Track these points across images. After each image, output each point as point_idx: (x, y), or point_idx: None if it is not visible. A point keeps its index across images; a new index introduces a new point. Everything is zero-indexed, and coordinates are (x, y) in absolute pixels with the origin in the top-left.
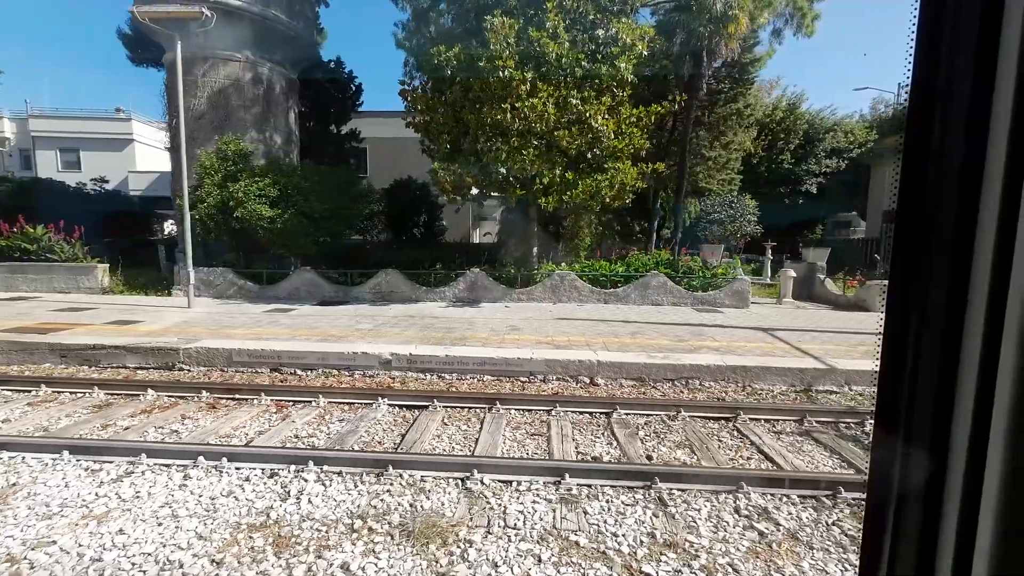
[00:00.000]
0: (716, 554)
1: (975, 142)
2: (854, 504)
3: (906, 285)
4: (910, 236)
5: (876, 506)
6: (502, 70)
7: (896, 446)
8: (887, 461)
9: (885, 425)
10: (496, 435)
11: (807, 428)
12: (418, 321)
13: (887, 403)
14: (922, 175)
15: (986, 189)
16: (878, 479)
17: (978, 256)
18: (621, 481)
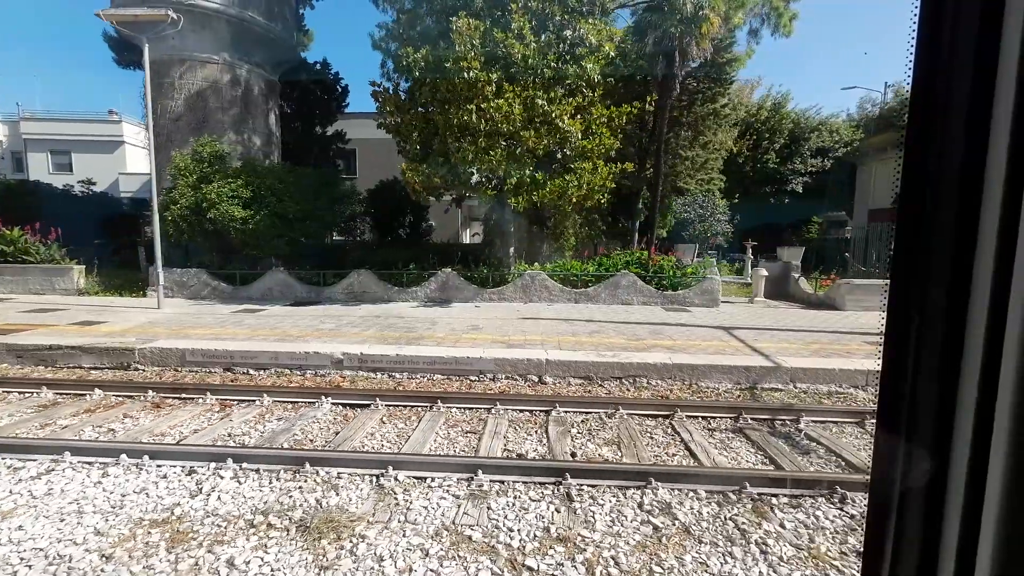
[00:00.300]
0: (604, 548)
1: (976, 141)
2: (758, 499)
3: (907, 285)
4: (911, 235)
5: (878, 507)
6: (467, 71)
7: (898, 447)
8: (889, 462)
9: (887, 426)
10: (429, 433)
11: (741, 425)
12: (382, 321)
13: (889, 403)
14: (923, 174)
15: (987, 188)
16: (880, 480)
17: (980, 255)
18: (533, 477)
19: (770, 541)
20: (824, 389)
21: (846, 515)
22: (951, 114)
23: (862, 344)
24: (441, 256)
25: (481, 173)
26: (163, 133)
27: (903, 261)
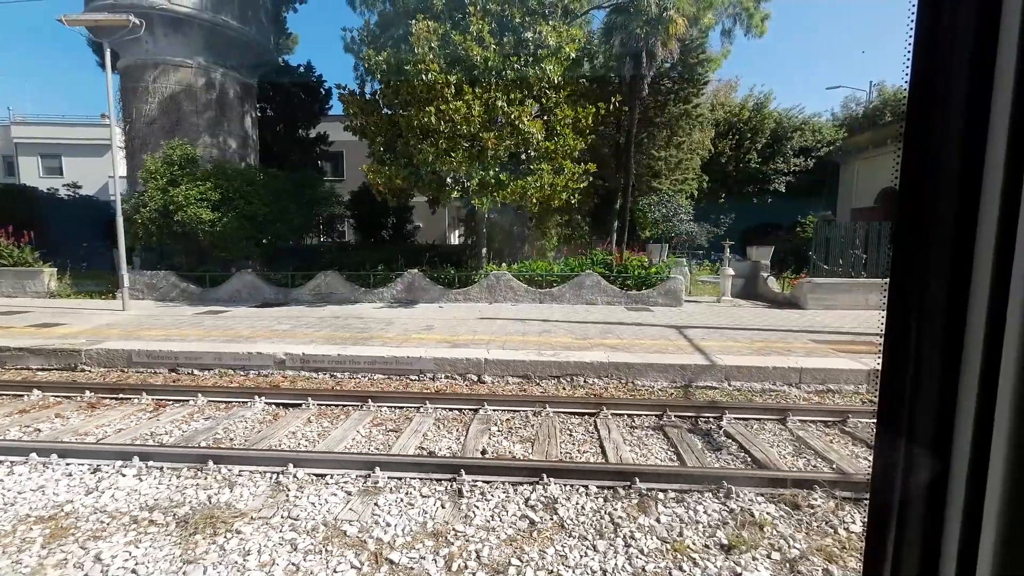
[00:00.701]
0: (473, 542)
1: (974, 138)
2: (646, 493)
3: (906, 284)
4: (910, 235)
5: (879, 507)
6: (425, 73)
7: (899, 447)
8: (890, 462)
9: (887, 425)
10: (350, 431)
11: (663, 423)
12: (340, 322)
13: (889, 403)
14: (921, 173)
15: (986, 186)
16: (881, 480)
17: (979, 252)
18: (430, 474)
19: (639, 534)
20: (758, 387)
21: (726, 509)
22: (949, 111)
23: (806, 342)
24: (418, 257)
25: (443, 174)
26: (138, 137)
27: (902, 260)
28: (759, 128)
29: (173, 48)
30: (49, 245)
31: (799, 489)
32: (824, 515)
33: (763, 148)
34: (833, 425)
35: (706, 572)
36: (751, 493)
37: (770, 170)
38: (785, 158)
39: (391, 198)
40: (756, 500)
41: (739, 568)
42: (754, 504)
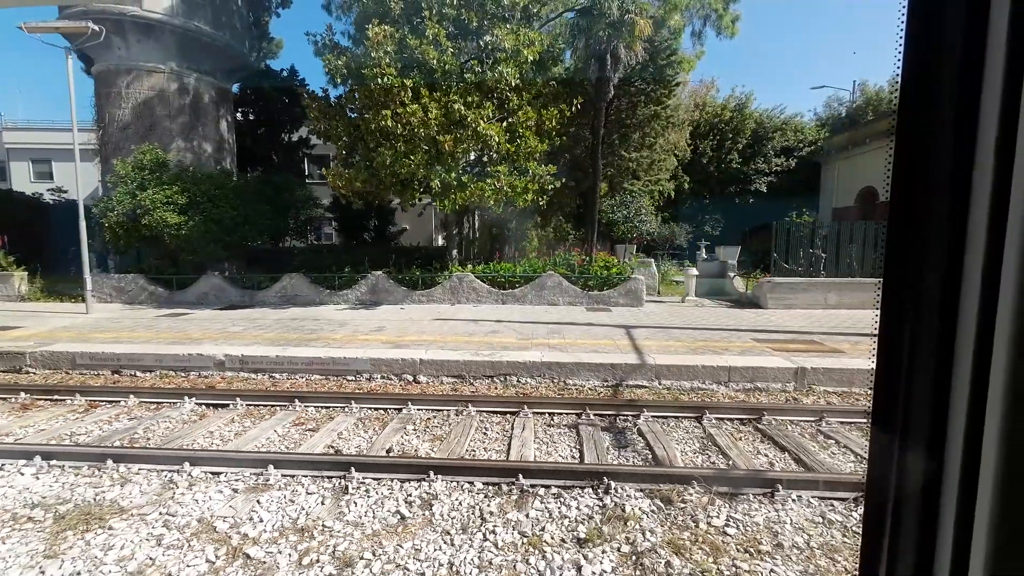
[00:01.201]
0: (336, 536)
1: (964, 139)
2: (529, 491)
3: (899, 283)
4: (903, 235)
5: (874, 506)
6: (380, 77)
7: (893, 446)
8: (884, 461)
9: (882, 425)
10: (268, 431)
11: (579, 422)
12: (295, 324)
13: (883, 403)
14: (913, 174)
15: (976, 186)
16: (876, 479)
17: (970, 253)
18: (322, 472)
19: (501, 529)
20: (687, 385)
21: (599, 504)
22: (940, 113)
23: (748, 341)
24: (396, 259)
25: (402, 177)
26: (111, 141)
27: (895, 260)
28: (740, 128)
29: (146, 54)
30: (32, 249)
31: (678, 485)
32: (692, 510)
33: (744, 148)
34: (748, 423)
35: (550, 564)
36: (631, 489)
37: (751, 170)
38: (766, 158)
39: (355, 200)
40: (633, 496)
41: (584, 561)
42: (629, 500)
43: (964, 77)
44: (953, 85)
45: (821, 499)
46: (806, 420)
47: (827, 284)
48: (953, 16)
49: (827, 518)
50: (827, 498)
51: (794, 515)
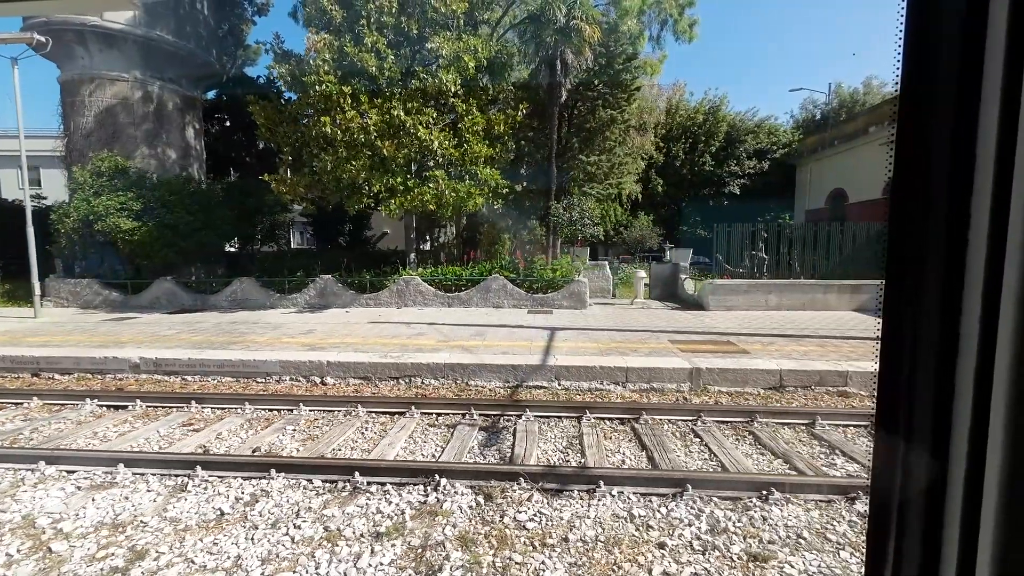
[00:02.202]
0: (147, 531)
1: (965, 139)
2: (361, 488)
3: (901, 285)
4: (904, 235)
5: (879, 507)
6: (319, 84)
7: (897, 447)
8: (889, 463)
9: (886, 427)
10: (153, 431)
11: (459, 421)
12: (231, 327)
13: (887, 405)
14: (914, 176)
15: (977, 186)
16: (881, 481)
17: (972, 252)
18: (171, 470)
19: (308, 523)
20: (585, 386)
21: (420, 501)
22: (940, 110)
23: (663, 343)
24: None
25: (344, 182)
26: (76, 149)
27: (897, 262)
28: (713, 131)
29: (109, 63)
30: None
31: (508, 481)
32: (507, 506)
33: (717, 151)
34: (626, 423)
35: (335, 556)
36: (461, 486)
37: (724, 173)
38: (739, 161)
39: (307, 205)
40: (460, 492)
41: (368, 553)
42: (454, 496)
43: (964, 76)
44: (953, 84)
45: (642, 495)
46: (683, 419)
47: (768, 286)
48: (952, 15)
49: (633, 512)
50: (647, 494)
51: (603, 511)
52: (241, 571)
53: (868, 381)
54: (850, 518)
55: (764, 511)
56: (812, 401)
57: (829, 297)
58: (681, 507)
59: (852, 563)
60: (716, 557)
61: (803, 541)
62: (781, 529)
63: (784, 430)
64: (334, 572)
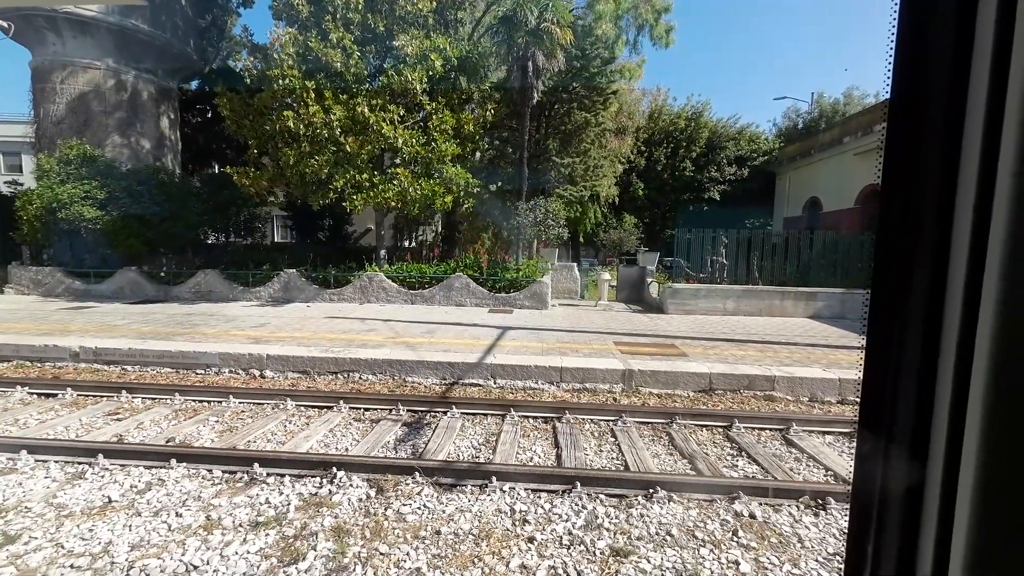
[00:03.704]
0: (27, 516)
1: (950, 148)
2: (259, 479)
3: (887, 289)
4: (891, 244)
5: (860, 508)
6: (282, 78)
7: (879, 449)
8: (870, 464)
9: (869, 428)
10: (75, 419)
11: (383, 416)
12: (185, 318)
13: (870, 407)
14: (901, 182)
15: (960, 194)
16: (862, 481)
17: (954, 259)
18: (76, 458)
19: (189, 513)
20: (520, 384)
21: (311, 492)
22: (928, 120)
23: (605, 344)
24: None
25: (308, 177)
26: (46, 136)
27: (883, 268)
28: (695, 137)
29: (82, 50)
30: None
31: (403, 476)
32: (395, 498)
33: (698, 157)
34: (549, 421)
35: (205, 543)
36: (359, 479)
37: (704, 178)
38: (719, 167)
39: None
40: (356, 485)
41: (238, 543)
42: (347, 489)
43: (952, 88)
44: (941, 96)
45: (532, 491)
46: (605, 419)
47: (726, 291)
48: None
49: (515, 508)
50: (537, 490)
51: (488, 505)
52: (107, 556)
53: (794, 386)
54: (724, 516)
55: (644, 509)
56: (737, 404)
57: (786, 304)
58: (566, 503)
59: (707, 558)
60: (580, 552)
61: (669, 538)
62: (653, 526)
63: (701, 432)
64: (198, 558)
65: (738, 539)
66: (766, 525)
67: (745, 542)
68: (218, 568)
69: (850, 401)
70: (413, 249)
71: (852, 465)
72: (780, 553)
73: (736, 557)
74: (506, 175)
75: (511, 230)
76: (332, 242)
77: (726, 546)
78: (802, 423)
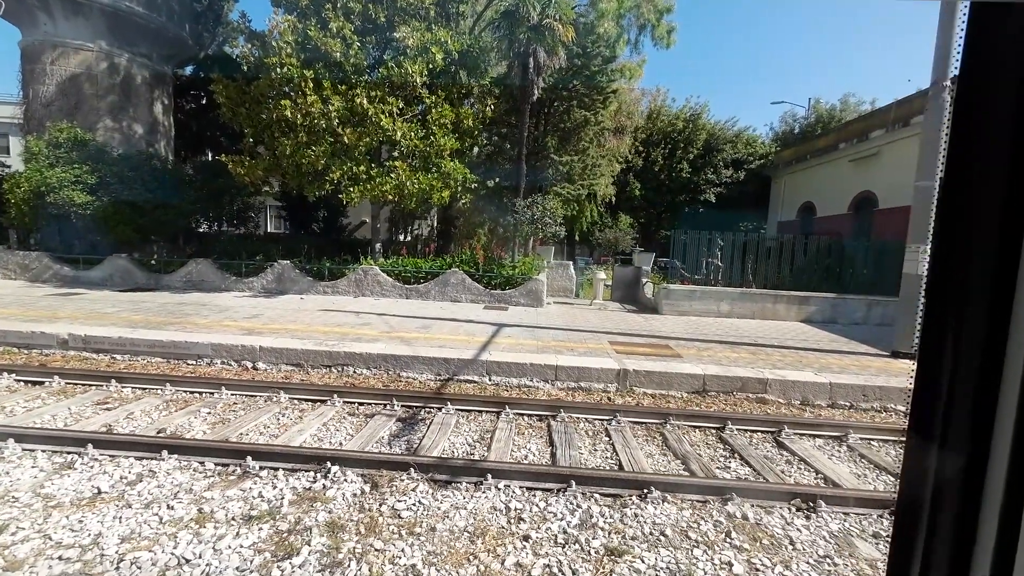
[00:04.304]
0: (14, 506)
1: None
2: (251, 472)
3: (946, 287)
4: (950, 241)
5: (907, 514)
6: (280, 67)
7: (931, 451)
8: (920, 467)
9: (919, 430)
10: (63, 409)
11: (376, 412)
12: (177, 308)
13: (922, 412)
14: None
15: None
16: (910, 488)
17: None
18: (64, 447)
19: (181, 506)
20: (515, 382)
21: (308, 486)
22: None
23: (600, 343)
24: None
25: (304, 167)
26: (35, 118)
27: (941, 267)
28: (692, 139)
29: (74, 31)
30: None
31: (398, 471)
32: (390, 495)
33: (695, 159)
34: (544, 419)
35: (197, 537)
36: (353, 475)
37: (701, 180)
38: (715, 169)
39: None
40: (350, 480)
41: (231, 536)
42: (342, 484)
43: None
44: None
45: (528, 489)
46: (599, 419)
47: (720, 293)
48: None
49: (511, 505)
50: (533, 488)
51: (483, 503)
52: (97, 548)
53: (786, 389)
54: (717, 518)
55: (639, 509)
56: (730, 406)
57: (778, 307)
58: (561, 502)
59: (700, 559)
60: (575, 551)
61: (663, 538)
62: (647, 526)
63: (694, 433)
64: (190, 551)
65: (731, 540)
66: (758, 527)
67: (738, 543)
68: (211, 562)
69: (841, 405)
70: (408, 243)
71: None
72: (772, 555)
73: (729, 558)
74: (504, 171)
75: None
76: (327, 234)
77: (719, 547)
78: (794, 426)
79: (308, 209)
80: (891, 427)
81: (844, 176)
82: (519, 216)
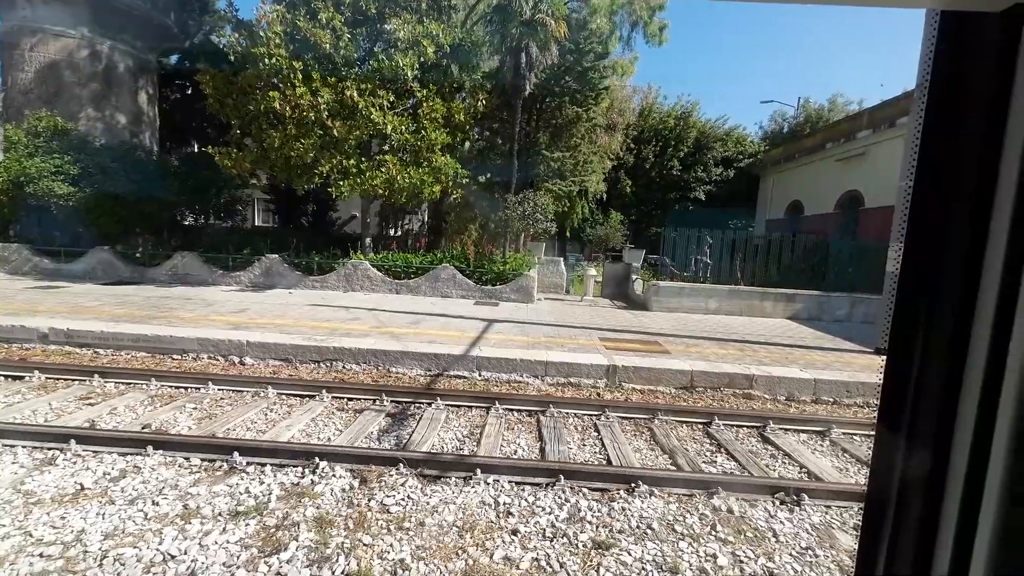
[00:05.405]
0: None
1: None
2: (239, 468)
3: (915, 284)
4: (920, 241)
5: (875, 507)
6: (268, 57)
7: (898, 446)
8: (888, 460)
9: (888, 424)
10: (44, 404)
11: (365, 407)
12: (161, 302)
13: (891, 403)
14: (935, 183)
15: (999, 196)
16: (878, 478)
17: (987, 268)
18: (45, 443)
19: (167, 502)
20: (504, 377)
21: (295, 482)
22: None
23: (590, 340)
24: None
25: (293, 160)
26: (12, 105)
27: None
28: (683, 137)
29: (55, 16)
30: None
31: (387, 467)
32: (379, 489)
33: (685, 156)
34: (533, 415)
35: (183, 534)
36: (342, 470)
37: (691, 178)
38: (705, 167)
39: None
40: (339, 475)
41: (217, 532)
42: (330, 479)
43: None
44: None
45: (516, 484)
46: (588, 414)
47: (709, 290)
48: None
49: (499, 500)
50: (521, 483)
51: (472, 497)
52: (80, 544)
53: (772, 385)
54: (703, 511)
55: (626, 503)
56: (716, 402)
57: (766, 304)
58: (549, 496)
59: (685, 552)
60: (563, 544)
61: (650, 532)
62: (635, 520)
63: (681, 428)
64: (175, 548)
65: (716, 533)
66: (743, 520)
67: (723, 536)
68: (197, 558)
69: (824, 401)
70: (399, 238)
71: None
72: (756, 547)
73: (714, 550)
74: (495, 167)
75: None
76: (316, 228)
77: (705, 540)
78: (779, 421)
79: (297, 203)
80: (872, 422)
81: (831, 175)
82: (510, 212)
